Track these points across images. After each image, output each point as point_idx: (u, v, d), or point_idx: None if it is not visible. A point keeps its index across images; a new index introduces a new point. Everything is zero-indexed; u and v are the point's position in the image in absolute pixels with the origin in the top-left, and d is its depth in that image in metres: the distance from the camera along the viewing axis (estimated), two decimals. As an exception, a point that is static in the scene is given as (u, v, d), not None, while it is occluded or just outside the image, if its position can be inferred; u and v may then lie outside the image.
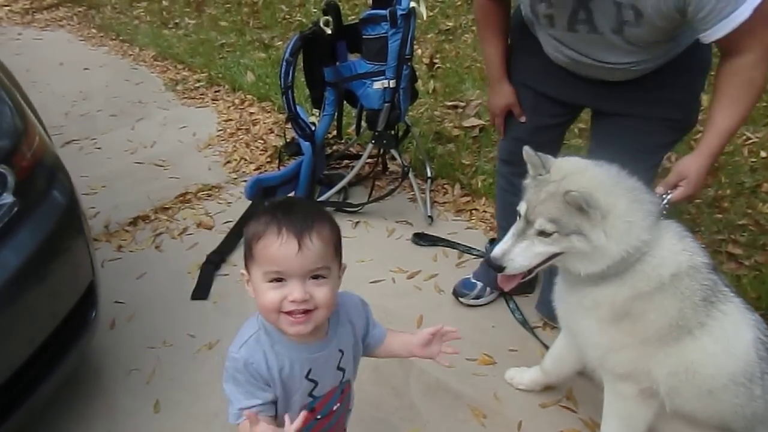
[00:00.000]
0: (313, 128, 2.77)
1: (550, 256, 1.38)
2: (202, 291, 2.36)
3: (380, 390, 1.88)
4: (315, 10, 5.57)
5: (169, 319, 2.23)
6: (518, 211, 1.41)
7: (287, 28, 5.45)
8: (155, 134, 3.77)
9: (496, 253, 1.41)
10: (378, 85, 2.60)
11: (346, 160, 3.21)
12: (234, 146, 3.57)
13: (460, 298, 2.24)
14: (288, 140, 3.10)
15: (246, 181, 2.84)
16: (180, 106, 4.24)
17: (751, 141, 3.11)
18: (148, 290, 2.39)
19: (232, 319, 2.21)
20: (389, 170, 3.17)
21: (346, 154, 3.23)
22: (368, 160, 2.92)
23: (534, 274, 1.47)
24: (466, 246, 2.55)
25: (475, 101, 3.68)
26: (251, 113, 4.00)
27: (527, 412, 1.82)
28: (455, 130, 3.43)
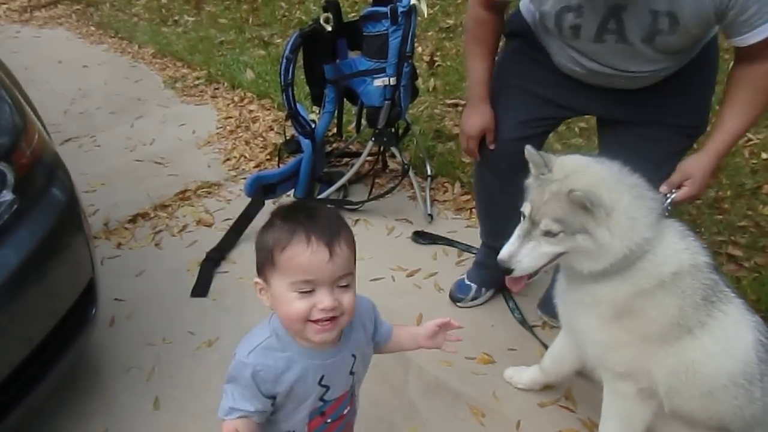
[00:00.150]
0: (313, 126, 2.77)
1: (556, 256, 1.38)
2: (201, 288, 2.36)
3: (379, 388, 1.88)
4: (315, 7, 5.56)
5: (169, 316, 2.23)
6: (522, 212, 1.41)
7: (287, 26, 5.44)
8: (154, 132, 3.76)
9: (504, 256, 1.40)
10: (378, 82, 2.59)
11: (346, 158, 3.21)
12: (233, 144, 3.56)
13: (458, 303, 2.23)
14: (288, 138, 3.09)
15: (245, 179, 2.84)
16: (179, 104, 4.23)
17: (752, 142, 3.11)
18: (148, 288, 2.39)
19: (232, 317, 2.21)
20: (389, 168, 3.16)
21: (346, 151, 3.23)
22: (368, 158, 2.92)
23: (539, 274, 1.47)
24: (466, 244, 2.55)
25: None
26: (251, 111, 3.99)
27: (526, 412, 1.82)
28: (455, 128, 3.41)
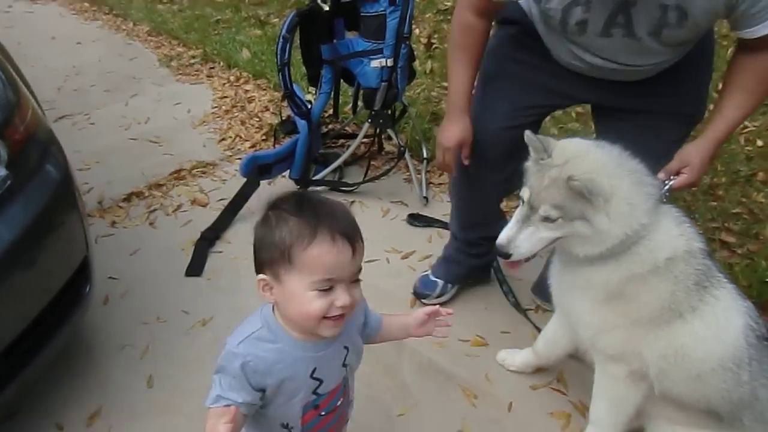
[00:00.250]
0: (309, 106, 2.75)
1: (554, 240, 1.39)
2: (196, 268, 2.36)
3: (372, 369, 1.89)
4: (312, -13, 5.49)
5: (163, 295, 2.23)
6: (521, 197, 1.41)
7: (283, 5, 5.38)
8: (149, 110, 3.74)
9: (502, 240, 1.40)
10: (375, 63, 2.58)
11: (342, 139, 3.20)
12: (229, 123, 3.55)
13: (423, 300, 2.17)
14: (284, 118, 3.08)
15: (241, 159, 2.83)
16: (174, 83, 4.20)
17: (747, 129, 3.11)
18: (142, 266, 2.39)
19: (226, 296, 2.22)
20: (385, 150, 3.16)
21: (342, 133, 3.22)
22: (364, 140, 2.91)
23: (535, 257, 1.47)
24: (461, 228, 2.55)
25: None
26: (246, 90, 3.97)
27: (518, 394, 1.84)
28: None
